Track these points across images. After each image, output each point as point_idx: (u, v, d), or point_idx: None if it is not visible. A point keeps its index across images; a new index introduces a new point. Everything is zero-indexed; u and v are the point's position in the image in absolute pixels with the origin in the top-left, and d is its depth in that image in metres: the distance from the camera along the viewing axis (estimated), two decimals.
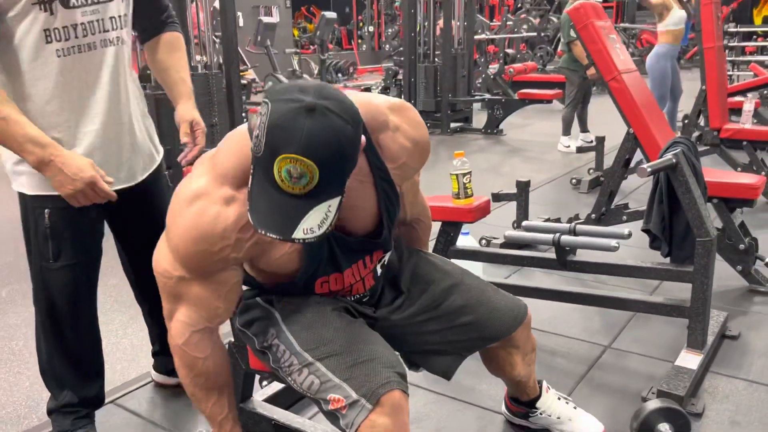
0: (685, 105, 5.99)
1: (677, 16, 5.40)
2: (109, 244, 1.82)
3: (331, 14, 10.56)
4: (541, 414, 1.78)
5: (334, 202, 1.04)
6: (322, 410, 1.26)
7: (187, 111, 1.81)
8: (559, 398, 1.80)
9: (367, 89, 9.32)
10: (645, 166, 2.08)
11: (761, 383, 2.11)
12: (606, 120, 6.75)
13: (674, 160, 2.12)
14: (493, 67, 9.90)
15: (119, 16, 1.60)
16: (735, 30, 9.49)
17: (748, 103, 4.09)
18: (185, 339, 1.29)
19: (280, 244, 1.21)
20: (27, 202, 1.62)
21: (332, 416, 1.23)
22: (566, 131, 6.14)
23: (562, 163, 5.70)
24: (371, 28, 17.73)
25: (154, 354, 2.10)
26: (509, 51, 10.22)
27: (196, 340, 1.29)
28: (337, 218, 1.06)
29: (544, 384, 1.80)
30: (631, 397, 2.03)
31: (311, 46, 13.76)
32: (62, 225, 1.62)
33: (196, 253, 1.18)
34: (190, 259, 1.19)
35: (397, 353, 1.33)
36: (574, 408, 1.81)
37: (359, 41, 17.91)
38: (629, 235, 2.18)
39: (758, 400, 2.01)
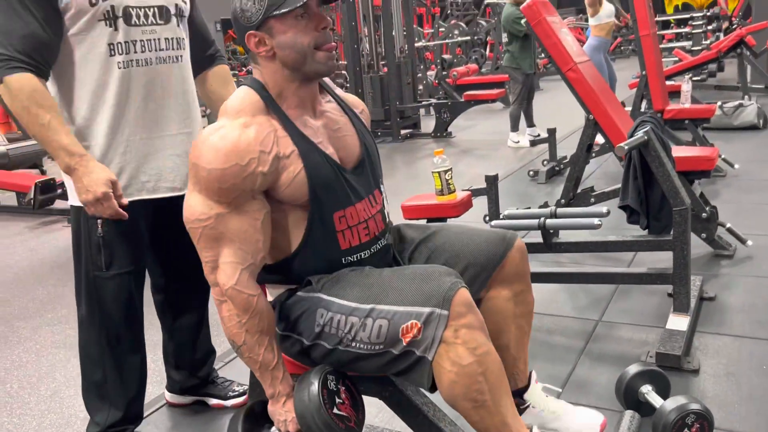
0: (620, 92, 6.31)
1: (608, 9, 5.70)
2: None
3: None
4: (532, 408, 1.58)
5: None
6: (397, 370, 1.26)
7: None
8: (546, 395, 1.61)
9: None
10: (622, 144, 2.21)
11: (745, 336, 2.26)
12: (550, 113, 7.02)
13: (645, 138, 2.26)
14: (431, 73, 10.14)
15: (173, 38, 1.73)
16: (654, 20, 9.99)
17: (686, 84, 4.35)
18: (236, 278, 1.31)
19: (290, 164, 1.33)
20: (81, 215, 1.69)
21: (408, 360, 1.23)
22: (514, 127, 6.35)
23: (514, 158, 5.88)
24: None
25: (171, 367, 2.09)
26: (446, 56, 10.45)
27: (246, 278, 1.32)
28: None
29: (533, 375, 1.63)
30: (631, 362, 2.12)
31: (243, 68, 13.71)
32: (114, 234, 1.69)
33: (228, 172, 1.27)
34: (223, 181, 1.27)
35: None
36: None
37: None
38: (608, 213, 2.30)
39: (747, 352, 2.16)
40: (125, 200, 1.63)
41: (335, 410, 1.28)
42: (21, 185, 5.21)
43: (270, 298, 1.49)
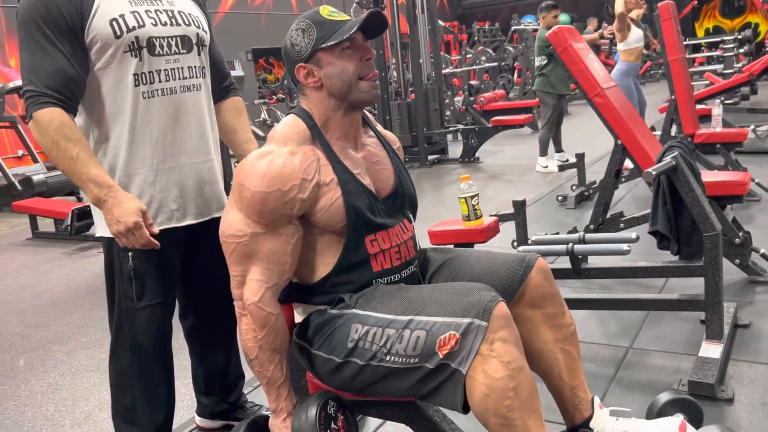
0: (649, 117, 6.26)
1: (636, 34, 5.69)
2: None
3: None
4: None
5: None
6: (429, 389, 1.26)
7: None
8: (617, 419, 1.54)
9: None
10: (650, 170, 2.21)
11: None
12: (579, 138, 7.00)
13: (674, 163, 2.25)
14: (459, 99, 10.20)
15: (196, 67, 1.76)
16: (684, 44, 9.94)
17: (717, 108, 4.31)
18: (260, 296, 1.39)
19: (329, 191, 1.40)
20: (112, 246, 1.71)
21: (442, 375, 1.24)
22: (543, 152, 6.33)
23: (542, 183, 5.86)
24: None
25: (200, 393, 2.11)
26: (473, 82, 10.52)
27: (269, 297, 1.40)
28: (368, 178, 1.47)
29: (596, 400, 1.55)
30: (663, 390, 2.09)
31: (273, 96, 13.95)
32: (145, 265, 1.71)
33: (270, 196, 1.35)
34: (265, 204, 1.35)
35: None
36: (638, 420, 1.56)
37: None
38: (637, 238, 2.29)
39: None
40: (155, 229, 1.65)
41: None
42: (59, 212, 5.36)
43: (299, 317, 1.53)
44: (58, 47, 1.57)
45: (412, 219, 1.61)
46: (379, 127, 1.65)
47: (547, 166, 6.29)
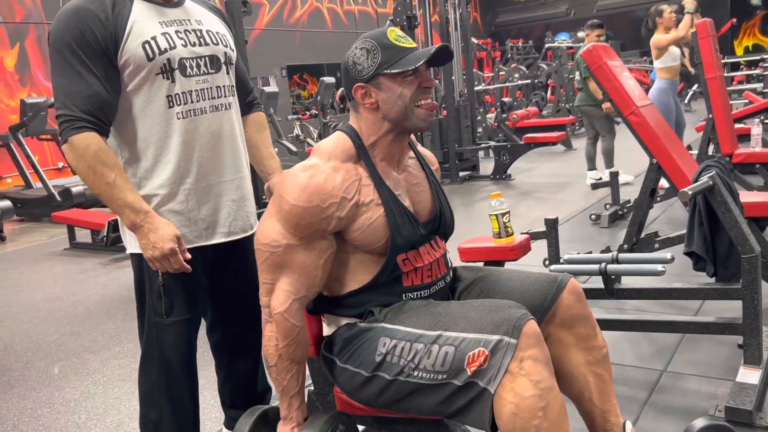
0: (687, 136, 6.16)
1: (674, 52, 5.62)
2: None
3: (330, 79, 10.94)
4: None
5: None
6: (456, 407, 1.25)
7: None
8: None
9: None
10: (686, 189, 2.17)
11: None
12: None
13: (711, 182, 2.21)
14: (491, 116, 10.17)
15: (225, 86, 1.77)
16: (723, 62, 9.78)
17: (756, 127, 4.22)
18: (287, 306, 1.41)
19: (368, 211, 1.41)
20: (142, 263, 1.72)
21: (470, 394, 1.23)
22: (591, 166, 6.26)
23: (575, 202, 5.79)
24: None
25: (227, 407, 2.12)
26: (505, 99, 10.49)
27: (296, 308, 1.42)
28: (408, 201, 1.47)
29: (628, 425, 1.54)
30: (698, 415, 2.04)
31: (306, 112, 14.11)
32: (174, 282, 1.71)
33: (308, 211, 1.37)
34: (302, 218, 1.37)
35: None
36: None
37: None
38: (672, 259, 2.24)
39: None
40: (188, 255, 1.65)
41: None
42: (95, 223, 5.48)
43: (328, 330, 1.53)
44: (93, 71, 1.57)
45: (446, 234, 1.61)
46: (420, 147, 1.66)
47: (600, 178, 6.21)
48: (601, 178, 5.99)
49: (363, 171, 1.44)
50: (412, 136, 1.61)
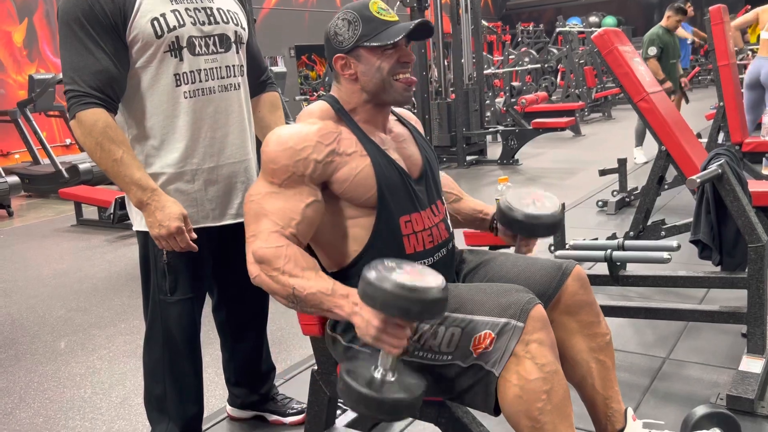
0: (696, 124, 6.10)
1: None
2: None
3: None
4: None
5: None
6: (461, 389, 1.26)
7: None
8: (650, 431, 1.51)
9: None
10: (694, 177, 2.15)
11: None
12: (621, 143, 6.86)
13: (720, 171, 2.19)
14: (500, 100, 10.12)
15: (234, 66, 1.76)
16: (735, 49, 9.65)
17: (767, 116, 4.18)
18: (264, 237, 1.35)
19: (352, 161, 1.41)
20: (148, 240, 1.72)
21: (474, 376, 1.23)
22: (639, 142, 6.32)
23: (582, 188, 5.77)
24: None
25: (231, 384, 2.14)
26: (515, 84, 10.42)
27: (275, 237, 1.35)
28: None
29: (630, 412, 1.53)
30: (699, 403, 2.04)
31: (314, 93, 14.07)
32: (178, 261, 1.72)
33: (281, 154, 1.38)
34: (276, 161, 1.38)
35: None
36: None
37: None
38: (678, 247, 2.24)
39: None
40: (194, 235, 1.65)
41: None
42: (102, 200, 5.50)
43: None
44: (102, 46, 1.56)
45: (444, 200, 1.60)
46: (398, 109, 1.64)
47: (636, 158, 6.22)
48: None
49: (345, 128, 1.46)
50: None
